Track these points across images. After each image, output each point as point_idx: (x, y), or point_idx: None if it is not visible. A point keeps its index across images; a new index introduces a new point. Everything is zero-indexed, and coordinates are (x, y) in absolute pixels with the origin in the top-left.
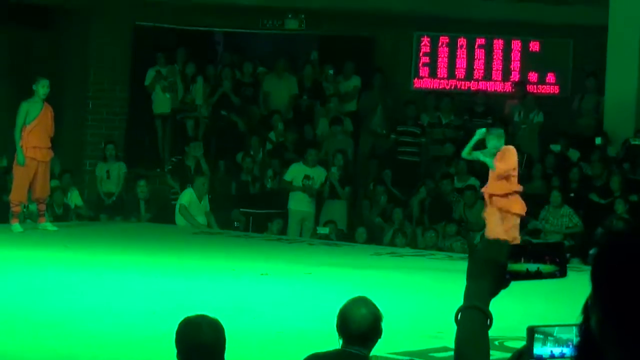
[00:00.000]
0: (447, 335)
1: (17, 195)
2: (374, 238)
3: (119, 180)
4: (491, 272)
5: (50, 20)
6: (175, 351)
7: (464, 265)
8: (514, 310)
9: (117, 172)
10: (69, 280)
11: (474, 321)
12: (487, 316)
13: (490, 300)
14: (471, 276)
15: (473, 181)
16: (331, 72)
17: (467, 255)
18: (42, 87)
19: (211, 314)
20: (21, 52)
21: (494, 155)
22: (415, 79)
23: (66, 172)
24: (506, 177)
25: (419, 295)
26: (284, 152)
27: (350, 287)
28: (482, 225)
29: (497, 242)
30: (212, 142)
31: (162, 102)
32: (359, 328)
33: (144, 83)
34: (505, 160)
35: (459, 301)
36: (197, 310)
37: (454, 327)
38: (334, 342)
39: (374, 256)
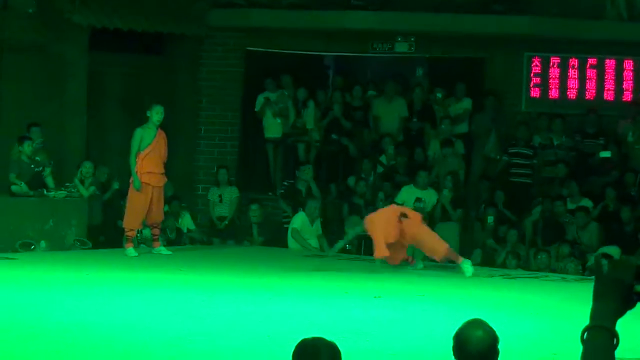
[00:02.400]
0: (562, 357)
1: (131, 222)
2: (487, 260)
3: (232, 205)
4: (618, 292)
5: (163, 47)
6: None
7: (577, 287)
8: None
9: (229, 197)
10: (184, 303)
11: (600, 341)
12: (614, 336)
13: (616, 320)
14: (597, 296)
15: (585, 202)
16: (439, 95)
17: (580, 277)
18: (156, 114)
19: (325, 336)
20: (135, 78)
21: None
22: (526, 100)
23: (177, 197)
24: None
25: (532, 317)
26: (395, 175)
27: (463, 309)
28: (595, 247)
29: (624, 263)
30: (323, 166)
31: (273, 127)
32: (476, 350)
33: (254, 109)
34: None
35: (574, 323)
36: (311, 332)
37: (570, 348)
38: None
39: (487, 278)
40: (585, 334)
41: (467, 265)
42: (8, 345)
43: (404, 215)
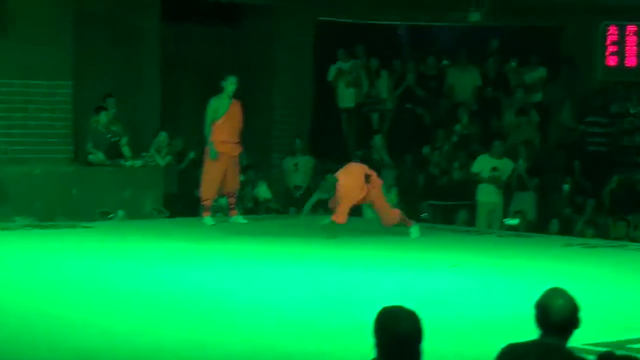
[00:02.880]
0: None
1: (207, 191)
2: (564, 229)
3: (307, 174)
4: None
5: (237, 17)
6: (371, 342)
7: None
8: None
9: (305, 166)
10: (262, 272)
11: None
12: None
13: None
14: None
15: None
16: (514, 64)
17: None
18: (230, 84)
19: (404, 304)
20: (210, 49)
21: None
22: (602, 68)
23: (253, 167)
24: None
25: (611, 287)
26: (469, 144)
27: (541, 279)
28: None
29: None
30: (397, 135)
31: (346, 97)
32: (558, 319)
33: (327, 78)
34: None
35: None
36: (391, 301)
37: None
38: (529, 333)
39: (565, 247)
40: None
41: (415, 229)
42: (87, 313)
43: (367, 177)
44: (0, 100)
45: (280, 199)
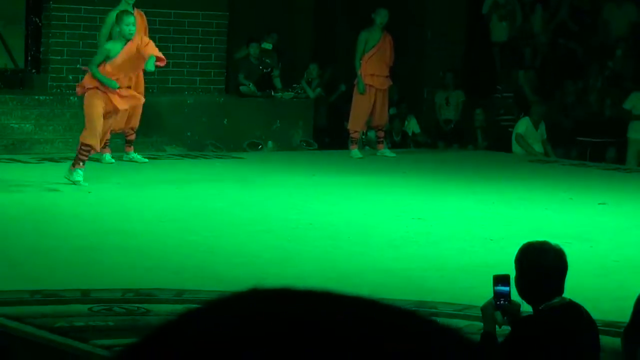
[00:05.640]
0: None
1: (355, 124)
2: None
3: (457, 108)
4: None
5: None
6: (513, 274)
7: None
8: None
9: (455, 100)
10: (408, 205)
11: None
12: None
13: None
14: None
15: None
16: None
17: None
18: (380, 16)
19: (550, 240)
20: None
21: None
22: None
23: (404, 101)
24: None
25: None
26: (623, 81)
27: None
28: None
29: None
30: (550, 71)
31: (499, 30)
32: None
33: (481, 11)
34: None
35: None
36: (534, 237)
37: None
38: None
39: None
40: None
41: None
42: (237, 241)
43: None
44: (157, 30)
45: (430, 133)
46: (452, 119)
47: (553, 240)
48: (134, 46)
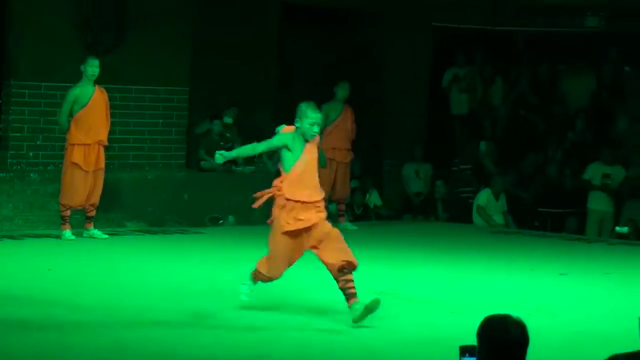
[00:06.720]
0: None
1: None
2: None
3: (427, 181)
4: None
5: (352, 24)
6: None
7: None
8: None
9: (425, 173)
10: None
11: None
12: None
13: None
14: None
15: None
16: (627, 69)
17: None
18: (341, 90)
19: (511, 312)
20: (324, 55)
21: None
22: None
23: (368, 173)
24: None
25: None
26: (583, 152)
27: None
28: None
29: None
30: (510, 142)
31: (459, 103)
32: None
33: (442, 85)
34: None
35: None
36: (496, 309)
37: None
38: (635, 344)
39: None
40: None
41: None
42: (195, 318)
43: None
44: (118, 106)
45: (393, 205)
46: (422, 192)
47: (515, 312)
48: None
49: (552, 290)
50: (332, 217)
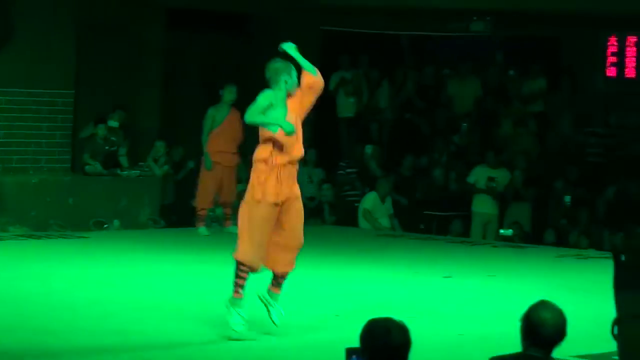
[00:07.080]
0: None
1: (202, 202)
2: (560, 240)
3: (320, 185)
4: None
5: (240, 27)
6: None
7: None
8: None
9: (317, 177)
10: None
11: (636, 331)
12: None
13: None
14: (624, 285)
15: None
16: (512, 72)
17: None
18: (228, 93)
19: (394, 315)
20: (211, 58)
21: None
22: (603, 79)
23: None
24: None
25: (600, 297)
26: (467, 154)
27: (533, 290)
28: None
29: None
30: (396, 146)
31: (346, 106)
32: (545, 332)
33: (329, 87)
34: None
35: None
36: (380, 312)
37: None
38: (516, 345)
39: (557, 258)
40: (616, 327)
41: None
42: (82, 322)
43: None
44: (2, 109)
45: None
46: (315, 196)
47: (398, 315)
48: None
49: (436, 293)
50: (219, 221)
